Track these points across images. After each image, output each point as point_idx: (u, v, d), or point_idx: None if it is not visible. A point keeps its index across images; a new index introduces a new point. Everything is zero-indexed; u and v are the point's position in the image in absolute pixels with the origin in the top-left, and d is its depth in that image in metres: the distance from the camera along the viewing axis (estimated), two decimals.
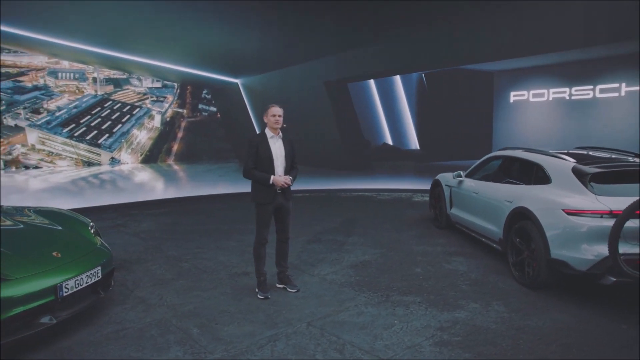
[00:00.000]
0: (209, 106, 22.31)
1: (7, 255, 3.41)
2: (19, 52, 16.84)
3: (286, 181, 4.23)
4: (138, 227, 7.41)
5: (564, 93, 15.25)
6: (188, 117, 21.72)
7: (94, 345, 3.40)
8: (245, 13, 12.60)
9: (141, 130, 20.19)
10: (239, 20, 13.17)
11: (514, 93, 17.89)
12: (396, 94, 20.18)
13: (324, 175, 14.15)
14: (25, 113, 17.04)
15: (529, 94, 17.05)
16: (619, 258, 3.47)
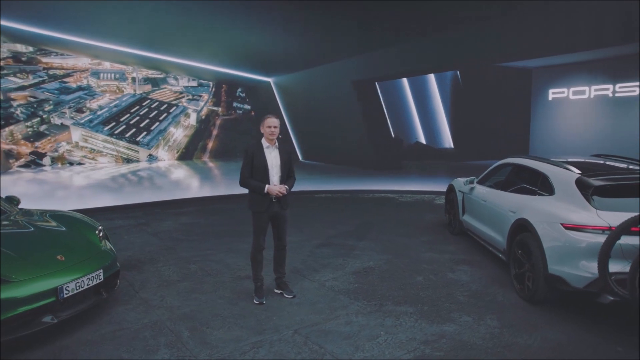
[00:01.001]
0: (243, 104, 22.72)
1: (12, 258, 3.67)
2: (65, 55, 17.72)
3: (280, 190, 4.32)
4: (159, 226, 7.71)
5: (607, 90, 14.56)
6: (223, 115, 22.21)
7: (90, 345, 3.61)
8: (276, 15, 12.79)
9: (177, 128, 20.82)
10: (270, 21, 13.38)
11: (552, 90, 17.25)
12: (430, 92, 19.87)
13: (351, 175, 14.18)
14: (70, 112, 17.95)
15: (568, 91, 16.40)
16: (609, 277, 3.35)
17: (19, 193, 10.93)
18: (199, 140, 21.65)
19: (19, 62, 16.87)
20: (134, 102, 19.62)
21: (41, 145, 17.33)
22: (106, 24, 14.31)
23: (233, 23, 13.64)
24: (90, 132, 18.46)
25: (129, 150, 19.46)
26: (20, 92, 16.89)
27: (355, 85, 14.67)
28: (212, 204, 9.81)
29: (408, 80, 19.34)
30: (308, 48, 14.66)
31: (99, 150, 18.70)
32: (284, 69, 17.69)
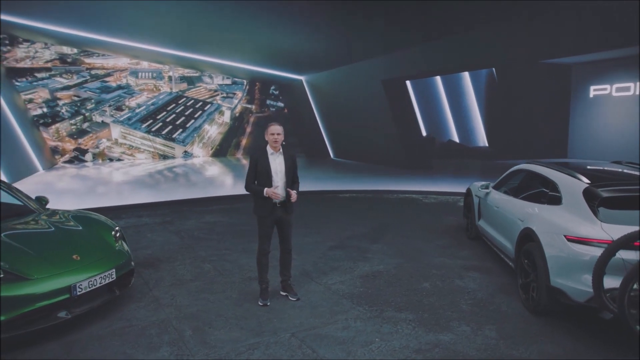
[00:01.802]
0: (276, 102, 22.98)
1: (32, 257, 3.96)
2: (106, 55, 18.48)
3: (277, 193, 4.37)
4: (182, 225, 8.00)
5: None
6: (256, 112, 22.54)
7: (100, 340, 3.86)
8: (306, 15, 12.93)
9: (212, 125, 21.31)
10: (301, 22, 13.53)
11: (594, 87, 16.62)
12: (464, 89, 19.49)
13: (379, 174, 14.15)
14: (110, 110, 18.73)
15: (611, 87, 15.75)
16: (604, 293, 3.27)
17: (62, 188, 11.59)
18: (233, 137, 22.08)
19: (65, 63, 17.74)
20: (170, 100, 20.24)
21: (84, 142, 18.19)
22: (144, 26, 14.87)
23: (265, 24, 13.86)
24: (128, 129, 19.21)
25: (165, 147, 20.11)
26: (65, 91, 17.78)
27: (385, 84, 14.60)
28: (238, 203, 10.03)
29: (441, 78, 19.05)
30: (337, 47, 14.71)
31: (137, 146, 19.44)
32: (315, 68, 17.80)
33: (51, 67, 17.38)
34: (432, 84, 19.11)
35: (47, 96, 17.39)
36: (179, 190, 11.82)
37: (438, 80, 19.09)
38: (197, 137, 20.98)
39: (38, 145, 16.28)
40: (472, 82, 19.27)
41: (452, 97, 19.39)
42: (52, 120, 17.48)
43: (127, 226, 7.87)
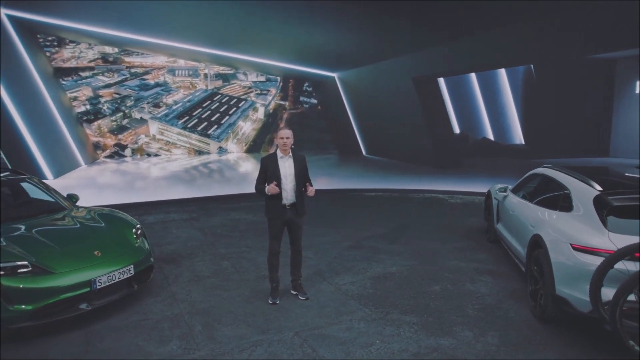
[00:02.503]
0: (309, 98, 23.14)
1: (57, 252, 4.27)
2: (145, 54, 19.15)
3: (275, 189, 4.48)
4: (207, 222, 8.29)
5: None
6: (290, 109, 22.79)
7: (116, 331, 4.12)
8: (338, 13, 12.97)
9: (246, 121, 21.72)
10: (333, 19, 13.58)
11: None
12: (500, 85, 19.04)
13: (408, 172, 14.08)
14: (148, 107, 19.42)
15: None
16: (601, 305, 3.23)
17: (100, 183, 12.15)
18: (267, 134, 22.41)
19: (107, 62, 18.52)
20: (206, 97, 20.76)
21: (123, 138, 18.97)
22: (182, 26, 15.33)
23: (298, 22, 14.02)
24: (166, 125, 19.86)
25: (200, 143, 20.67)
26: (106, 89, 18.57)
27: (416, 81, 14.47)
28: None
29: (476, 75, 18.68)
30: (368, 45, 14.67)
31: (173, 142, 20.07)
32: (347, 65, 17.82)
33: (94, 66, 18.20)
34: (466, 80, 18.77)
35: (90, 94, 18.22)
36: (210, 186, 12.18)
37: (473, 77, 18.72)
38: (231, 133, 21.44)
39: (81, 141, 17.10)
40: (509, 78, 18.79)
41: (488, 93, 18.98)
42: (95, 117, 18.32)
43: (155, 222, 8.23)
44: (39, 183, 5.70)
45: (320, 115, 23.04)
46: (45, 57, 16.84)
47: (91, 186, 12.17)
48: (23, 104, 12.85)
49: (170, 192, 10.97)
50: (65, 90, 17.65)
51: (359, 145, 20.53)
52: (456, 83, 18.54)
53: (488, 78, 18.78)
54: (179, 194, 10.75)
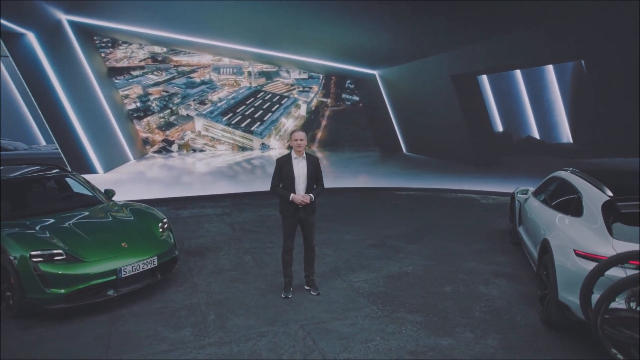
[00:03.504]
0: (351, 95, 23.25)
1: (88, 242, 4.69)
2: (192, 53, 19.93)
3: (304, 199, 4.75)
4: (238, 217, 8.65)
5: None
6: (332, 106, 23.00)
7: (138, 317, 4.49)
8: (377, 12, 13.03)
9: (288, 118, 22.14)
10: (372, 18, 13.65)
11: None
12: (547, 82, 18.40)
13: (445, 171, 13.95)
14: (194, 104, 20.22)
15: None
16: (591, 312, 3.21)
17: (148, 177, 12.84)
18: (309, 131, 22.72)
19: (156, 61, 19.43)
20: (249, 94, 21.34)
21: (170, 134, 19.86)
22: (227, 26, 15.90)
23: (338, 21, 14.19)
24: (211, 122, 20.60)
25: (244, 139, 21.28)
26: (155, 87, 19.49)
27: (454, 79, 14.27)
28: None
29: (521, 72, 18.13)
30: (406, 43, 14.62)
31: (218, 138, 20.79)
32: (386, 63, 17.80)
33: (144, 65, 19.16)
34: (511, 77, 18.25)
35: (140, 92, 19.21)
36: (249, 182, 12.60)
37: (518, 73, 18.18)
38: (274, 130, 21.93)
39: (131, 137, 18.08)
40: (557, 74, 18.10)
41: (534, 90, 18.39)
42: (144, 113, 19.30)
43: (189, 216, 8.69)
44: (80, 179, 6.20)
45: (361, 113, 23.10)
46: (100, 58, 17.91)
47: (137, 180, 12.91)
48: (78, 102, 13.79)
49: (210, 188, 11.47)
50: (118, 88, 18.70)
51: (399, 143, 20.45)
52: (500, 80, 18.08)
53: (534, 74, 18.18)
54: (217, 189, 11.22)
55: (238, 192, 10.82)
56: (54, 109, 13.07)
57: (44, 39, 12.82)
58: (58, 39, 13.87)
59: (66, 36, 14.41)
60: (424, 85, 16.00)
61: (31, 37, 12.48)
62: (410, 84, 17.33)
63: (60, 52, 13.82)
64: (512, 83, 18.24)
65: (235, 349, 3.90)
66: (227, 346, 3.95)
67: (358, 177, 13.39)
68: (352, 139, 22.94)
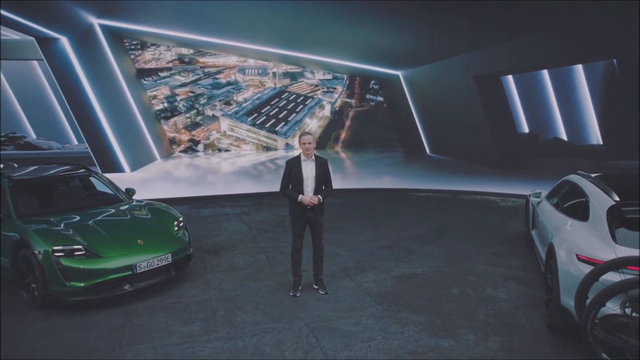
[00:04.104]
0: (376, 96, 23.24)
1: (106, 239, 4.93)
2: (217, 55, 20.32)
3: (312, 201, 4.87)
4: (256, 216, 8.84)
5: None
6: (356, 106, 23.05)
7: (151, 311, 4.70)
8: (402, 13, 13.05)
9: (312, 118, 22.30)
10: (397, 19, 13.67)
11: None
12: (575, 82, 17.97)
13: (466, 173, 13.83)
14: (220, 105, 20.61)
15: None
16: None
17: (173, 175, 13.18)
18: (333, 131, 22.86)
19: (183, 63, 19.91)
20: (274, 94, 21.60)
21: (196, 134, 20.32)
22: (252, 28, 16.16)
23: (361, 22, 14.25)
24: (236, 122, 20.96)
25: (268, 139, 21.57)
26: (182, 88, 19.97)
27: (477, 80, 14.13)
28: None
29: (549, 72, 17.76)
30: (429, 43, 14.54)
31: (243, 138, 21.14)
32: (410, 63, 17.74)
33: (172, 66, 19.66)
34: (538, 77, 17.91)
35: (168, 92, 19.72)
36: (271, 182, 12.81)
37: (545, 73, 17.82)
38: (298, 130, 22.12)
39: (158, 136, 18.59)
40: (586, 74, 17.66)
41: (561, 91, 17.99)
42: (171, 114, 19.81)
43: (209, 215, 8.93)
44: (104, 179, 6.49)
45: (386, 113, 23.07)
46: (129, 60, 18.48)
47: (161, 179, 13.31)
48: (108, 104, 14.30)
49: (233, 187, 11.73)
50: (146, 89, 19.25)
51: (423, 144, 20.34)
52: (526, 80, 17.77)
53: (562, 74, 17.78)
54: (240, 188, 11.46)
55: (258, 191, 11.01)
56: (84, 110, 13.59)
57: (77, 43, 13.34)
58: (90, 43, 14.41)
59: (97, 40, 14.96)
60: (447, 86, 15.88)
61: (64, 41, 13.02)
62: (434, 84, 17.22)
63: (91, 55, 14.36)
64: (539, 83, 17.88)
65: (240, 344, 4.05)
66: (233, 341, 4.10)
67: (379, 178, 13.43)
68: (376, 140, 22.94)
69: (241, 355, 3.87)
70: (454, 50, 14.16)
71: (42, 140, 18.80)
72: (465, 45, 13.30)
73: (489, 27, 11.54)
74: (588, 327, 3.01)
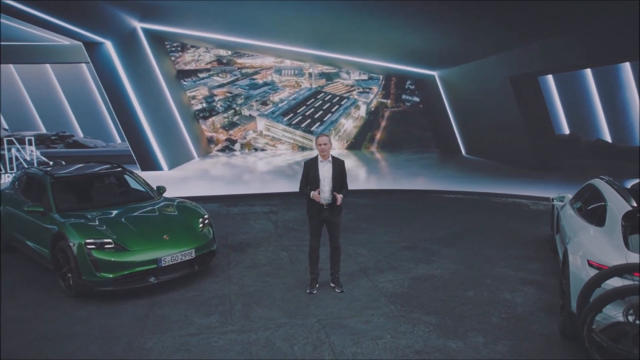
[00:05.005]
0: (412, 96, 23.05)
1: (134, 234, 5.25)
2: (255, 56, 20.75)
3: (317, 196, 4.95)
4: (283, 215, 9.05)
5: None
6: (391, 107, 22.94)
7: (174, 303, 4.97)
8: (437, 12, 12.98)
9: (348, 119, 22.38)
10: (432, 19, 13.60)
11: None
12: (622, 81, 17.20)
13: (499, 174, 13.58)
14: (256, 105, 21.04)
15: None
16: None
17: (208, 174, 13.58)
18: (368, 131, 22.85)
19: (221, 64, 20.46)
20: (310, 95, 21.83)
21: (233, 133, 20.82)
22: (288, 30, 16.45)
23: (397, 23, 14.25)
24: (272, 122, 21.33)
25: (303, 139, 21.82)
26: (220, 88, 20.53)
27: (512, 80, 13.82)
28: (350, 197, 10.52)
29: (592, 71, 17.11)
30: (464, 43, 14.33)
31: (278, 138, 21.49)
32: (445, 64, 17.52)
33: (210, 68, 20.24)
34: (580, 77, 17.28)
35: (206, 93, 20.33)
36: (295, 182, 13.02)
37: (588, 72, 17.17)
38: (333, 130, 22.26)
39: (196, 136, 19.19)
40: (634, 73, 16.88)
41: (605, 90, 17.28)
42: (209, 114, 20.40)
43: (238, 213, 9.21)
44: (137, 176, 6.86)
45: (421, 114, 22.84)
46: (170, 61, 19.17)
47: (196, 177, 13.79)
48: (148, 105, 14.93)
49: (267, 186, 12.02)
50: (186, 90, 19.91)
51: (458, 145, 20.04)
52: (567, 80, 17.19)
53: (606, 73, 17.07)
54: (273, 187, 11.72)
55: (287, 191, 11.23)
56: (126, 111, 14.25)
57: (120, 47, 14.01)
58: (132, 46, 15.09)
59: (140, 43, 15.63)
60: (483, 86, 15.61)
61: (109, 45, 13.70)
62: (469, 84, 16.95)
63: (133, 58, 15.02)
64: (581, 83, 17.26)
65: (253, 337, 4.24)
66: (247, 334, 4.30)
67: (411, 179, 13.37)
68: (412, 140, 22.76)
69: (253, 348, 4.05)
70: (489, 49, 13.92)
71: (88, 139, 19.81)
72: (500, 45, 13.05)
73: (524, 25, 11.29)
74: (585, 332, 3.00)
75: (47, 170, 6.46)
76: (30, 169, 6.94)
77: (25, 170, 7.16)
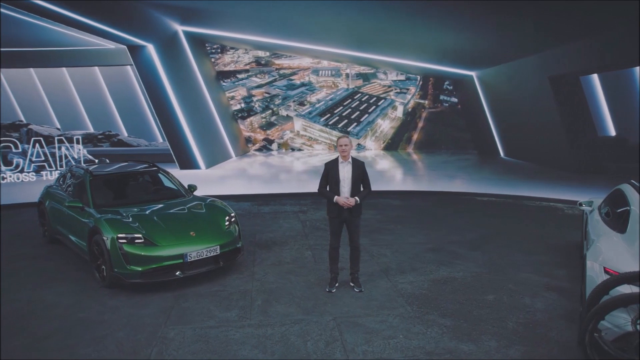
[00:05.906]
0: (449, 97, 22.72)
1: (163, 229, 5.52)
2: (292, 57, 21.04)
3: (348, 202, 5.08)
4: (312, 215, 9.19)
5: None
6: (429, 107, 22.70)
7: (198, 296, 5.20)
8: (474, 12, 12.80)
9: (384, 119, 22.32)
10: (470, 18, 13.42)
11: None
12: None
13: (537, 177, 13.21)
14: (294, 105, 21.32)
15: None
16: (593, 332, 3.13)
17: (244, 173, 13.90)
18: (405, 132, 22.71)
19: (259, 65, 20.86)
20: (347, 95, 21.91)
21: (271, 133, 21.19)
22: (324, 31, 16.61)
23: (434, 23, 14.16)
24: (309, 122, 21.56)
25: None
26: (258, 89, 20.94)
27: (552, 80, 13.41)
28: (378, 198, 10.57)
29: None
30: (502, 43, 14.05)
31: (315, 138, 21.69)
32: (483, 64, 17.19)
33: (249, 69, 20.68)
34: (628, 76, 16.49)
35: (245, 94, 20.78)
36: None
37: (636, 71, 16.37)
38: (370, 131, 22.27)
39: (234, 136, 19.67)
40: None
41: None
42: (248, 114, 20.85)
43: (269, 212, 9.44)
44: (170, 175, 7.18)
45: (459, 115, 22.47)
46: (210, 63, 19.74)
47: (232, 176, 14.17)
48: (187, 105, 15.45)
49: (303, 185, 12.19)
50: (225, 90, 20.43)
51: (497, 146, 19.60)
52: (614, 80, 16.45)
53: None
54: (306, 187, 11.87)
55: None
56: (166, 111, 14.82)
57: (161, 49, 14.58)
58: (173, 48, 15.66)
59: (181, 45, 16.20)
60: (521, 87, 15.22)
61: (151, 48, 14.29)
62: (508, 85, 16.56)
63: (174, 60, 15.59)
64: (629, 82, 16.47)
65: (269, 332, 4.40)
66: (263, 329, 4.46)
67: (446, 181, 13.23)
68: (449, 142, 22.43)
69: (267, 342, 4.21)
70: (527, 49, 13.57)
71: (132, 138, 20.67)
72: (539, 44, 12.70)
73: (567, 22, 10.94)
74: (586, 339, 2.96)
75: (87, 168, 6.88)
76: (73, 167, 7.39)
77: (69, 168, 7.64)
